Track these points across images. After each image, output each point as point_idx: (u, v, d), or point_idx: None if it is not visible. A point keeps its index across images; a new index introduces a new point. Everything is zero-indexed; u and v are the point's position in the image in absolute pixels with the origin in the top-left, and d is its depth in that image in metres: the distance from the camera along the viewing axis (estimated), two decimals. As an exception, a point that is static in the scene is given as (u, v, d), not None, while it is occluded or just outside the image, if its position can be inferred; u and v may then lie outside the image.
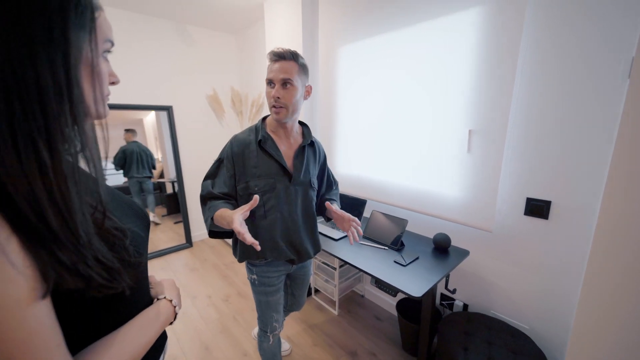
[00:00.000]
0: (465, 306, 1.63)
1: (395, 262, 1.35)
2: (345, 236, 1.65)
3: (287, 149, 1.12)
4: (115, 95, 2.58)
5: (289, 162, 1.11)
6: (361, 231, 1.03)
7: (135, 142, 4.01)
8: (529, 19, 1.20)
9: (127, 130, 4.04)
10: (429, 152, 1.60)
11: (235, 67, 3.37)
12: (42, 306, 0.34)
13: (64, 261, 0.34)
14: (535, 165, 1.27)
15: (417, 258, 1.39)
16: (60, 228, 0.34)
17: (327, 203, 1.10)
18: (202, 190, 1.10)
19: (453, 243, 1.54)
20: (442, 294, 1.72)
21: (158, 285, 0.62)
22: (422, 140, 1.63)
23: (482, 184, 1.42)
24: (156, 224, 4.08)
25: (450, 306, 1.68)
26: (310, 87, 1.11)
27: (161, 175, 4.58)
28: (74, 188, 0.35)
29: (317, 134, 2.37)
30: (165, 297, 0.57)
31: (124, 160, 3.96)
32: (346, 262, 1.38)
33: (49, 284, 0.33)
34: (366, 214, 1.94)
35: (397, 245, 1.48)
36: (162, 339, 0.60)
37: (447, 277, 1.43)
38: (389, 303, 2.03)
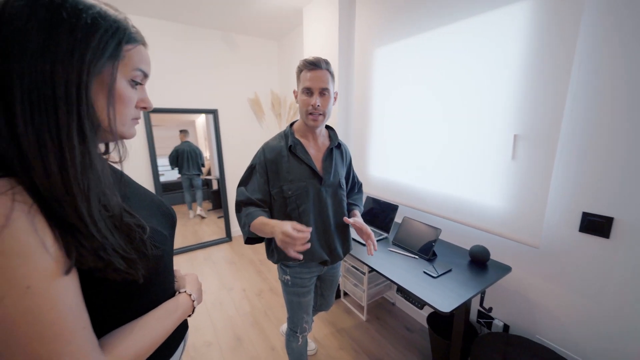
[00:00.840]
0: (506, 327, 1.48)
1: (425, 272, 1.29)
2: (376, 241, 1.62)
3: (316, 153, 1.16)
4: (170, 100, 2.88)
5: (318, 165, 1.15)
6: (376, 246, 1.09)
7: (187, 142, 4.41)
8: (590, 8, 1.06)
9: (180, 131, 4.46)
10: (467, 158, 1.50)
11: (275, 71, 3.50)
12: (69, 283, 0.38)
13: (85, 245, 0.39)
14: (594, 175, 1.11)
15: (449, 270, 1.31)
16: (78, 221, 0.39)
17: (346, 219, 1.14)
18: (238, 196, 1.13)
19: (492, 257, 1.42)
20: (479, 311, 1.59)
21: (182, 279, 0.66)
22: (460, 144, 1.53)
23: (528, 194, 1.28)
24: (202, 217, 4.43)
25: (489, 325, 1.55)
26: (337, 94, 1.14)
27: (209, 173, 4.96)
28: (80, 189, 0.39)
29: (350, 137, 2.37)
30: (185, 291, 0.61)
31: (176, 159, 4.38)
32: (372, 269, 1.35)
33: (72, 260, 0.38)
34: (398, 219, 1.88)
35: (428, 255, 1.42)
36: (183, 329, 0.64)
37: (483, 293, 1.32)
38: (421, 314, 1.94)
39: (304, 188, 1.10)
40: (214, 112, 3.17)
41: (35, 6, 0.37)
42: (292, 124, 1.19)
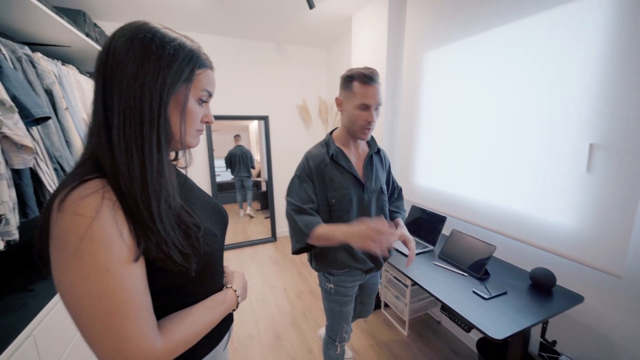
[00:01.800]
0: (575, 366, 1.28)
1: (474, 292, 1.19)
2: (420, 253, 1.55)
3: (357, 160, 1.16)
4: (226, 108, 3.15)
5: (359, 172, 1.15)
6: (411, 259, 1.06)
7: (240, 146, 4.75)
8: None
9: (235, 136, 4.84)
10: (531, 168, 1.35)
11: (323, 77, 3.59)
12: (137, 270, 0.45)
13: (151, 238, 0.46)
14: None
15: (504, 293, 1.18)
16: (149, 218, 0.46)
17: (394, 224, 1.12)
18: (288, 206, 1.10)
19: (559, 283, 1.24)
20: (541, 343, 1.40)
21: (230, 275, 0.71)
22: (522, 153, 1.38)
23: (608, 213, 1.10)
24: (250, 217, 4.71)
25: (553, 360, 1.35)
26: None
27: (259, 175, 5.28)
28: (153, 192, 0.46)
29: (396, 144, 2.30)
30: (231, 287, 0.67)
31: (230, 161, 4.75)
32: (414, 282, 1.29)
33: (140, 250, 0.45)
34: (446, 231, 1.76)
35: (479, 273, 1.30)
36: (228, 321, 0.69)
37: (546, 324, 1.16)
38: (471, 338, 1.77)
39: (347, 196, 1.11)
40: (264, 119, 3.37)
41: (133, 41, 0.46)
42: (331, 132, 1.20)
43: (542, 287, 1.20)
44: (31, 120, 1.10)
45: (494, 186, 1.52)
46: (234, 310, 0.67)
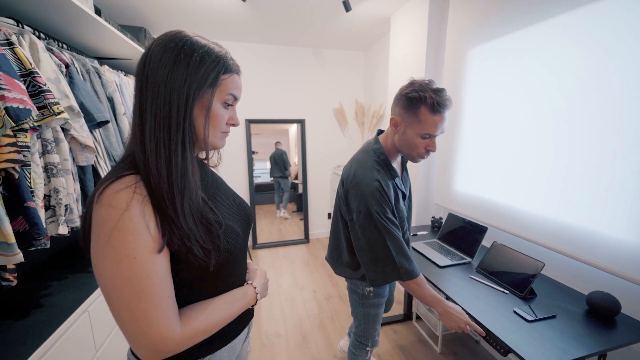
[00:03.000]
0: (646, 414, 1.07)
1: (515, 312, 1.06)
2: (452, 265, 1.43)
3: (397, 170, 1.13)
4: (265, 112, 3.29)
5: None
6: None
7: (278, 149, 4.92)
8: None
9: (276, 142, 5.03)
10: (589, 175, 1.17)
11: (360, 80, 3.56)
12: (162, 260, 0.49)
13: (175, 232, 0.49)
14: None
15: (553, 316, 1.04)
16: (173, 213, 0.49)
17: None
18: (405, 263, 0.99)
19: (625, 311, 1.05)
20: (600, 380, 1.20)
21: (252, 272, 0.74)
22: (579, 158, 1.21)
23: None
24: (285, 218, 4.83)
25: (616, 403, 1.15)
26: None
27: (296, 177, 5.41)
28: (178, 191, 0.50)
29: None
30: (252, 284, 0.69)
31: (271, 163, 4.95)
32: (447, 296, 1.20)
33: (164, 242, 0.48)
34: (486, 243, 1.61)
35: (523, 292, 1.16)
36: (248, 316, 0.71)
37: (604, 357, 0.99)
38: (512, 363, 1.59)
39: (403, 211, 1.10)
40: (301, 122, 3.44)
41: (165, 49, 0.50)
42: (377, 136, 1.13)
43: (602, 313, 1.02)
44: (94, 123, 1.27)
45: (545, 195, 1.35)
46: (253, 306, 0.69)
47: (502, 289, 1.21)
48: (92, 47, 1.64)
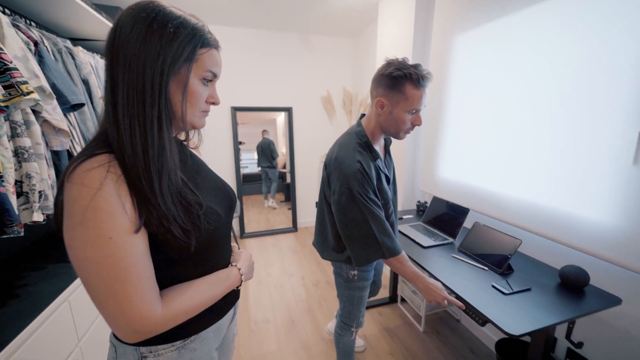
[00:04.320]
0: (609, 376, 1.16)
1: (493, 286, 1.11)
2: (435, 245, 1.48)
3: (380, 153, 1.14)
4: (251, 100, 3.22)
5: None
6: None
7: (265, 138, 4.86)
8: None
9: (263, 131, 4.96)
10: (566, 161, 1.23)
11: (348, 67, 3.53)
12: (139, 240, 0.47)
13: (153, 212, 0.48)
14: None
15: (527, 289, 1.09)
16: (150, 193, 0.47)
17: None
18: (387, 241, 1.01)
19: (593, 282, 1.12)
20: (568, 349, 1.29)
21: (237, 254, 0.73)
22: (554, 144, 1.26)
23: (656, 209, 0.97)
24: (273, 208, 4.82)
25: (582, 369, 1.24)
26: None
27: (284, 166, 5.37)
28: (156, 168, 0.48)
29: (420, 135, 2.21)
30: (236, 265, 0.68)
31: (258, 153, 4.89)
32: (430, 274, 1.24)
33: (141, 222, 0.47)
34: (468, 225, 1.67)
35: (501, 268, 1.21)
36: (234, 297, 0.71)
37: (572, 324, 1.06)
38: (490, 338, 1.68)
39: (387, 192, 1.11)
40: (288, 110, 3.40)
41: (136, 20, 0.47)
42: (360, 119, 1.13)
43: (572, 285, 1.09)
44: (68, 106, 1.21)
45: (523, 179, 1.41)
46: (238, 287, 0.69)
47: (482, 266, 1.26)
48: (64, 27, 1.54)
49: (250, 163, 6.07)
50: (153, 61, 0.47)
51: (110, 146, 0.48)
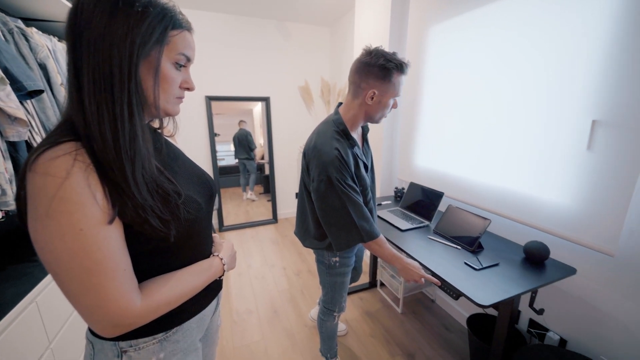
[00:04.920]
0: (563, 342, 1.30)
1: (466, 263, 1.19)
2: (412, 228, 1.55)
3: (358, 141, 1.16)
4: (227, 89, 3.11)
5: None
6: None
7: (242, 129, 4.73)
8: None
9: (240, 121, 4.82)
10: (530, 148, 1.32)
11: (326, 57, 3.51)
12: (113, 232, 0.45)
13: (127, 203, 0.45)
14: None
15: (496, 264, 1.18)
16: (123, 182, 0.45)
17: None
18: (365, 226, 1.04)
19: (553, 256, 1.23)
20: (531, 320, 1.42)
21: (218, 245, 0.72)
22: (520, 132, 1.35)
23: (605, 192, 1.08)
24: (252, 200, 4.76)
25: (541, 336, 1.37)
26: None
27: (262, 158, 5.28)
28: (129, 156, 0.45)
29: (397, 124, 2.27)
30: (218, 255, 0.67)
31: (234, 144, 4.76)
32: (408, 255, 1.30)
33: (115, 212, 0.45)
34: (443, 208, 1.76)
35: (472, 246, 1.30)
36: (217, 287, 0.71)
37: (535, 293, 1.17)
38: (462, 314, 1.80)
39: (366, 179, 1.13)
40: (266, 100, 3.33)
41: None
42: (337, 107, 1.14)
43: (535, 259, 1.20)
44: (24, 93, 1.11)
45: (493, 166, 1.50)
46: (220, 277, 0.68)
47: (455, 246, 1.35)
48: (13, 5, 1.39)
49: (227, 155, 5.90)
50: (120, 42, 0.44)
51: (75, 134, 0.44)
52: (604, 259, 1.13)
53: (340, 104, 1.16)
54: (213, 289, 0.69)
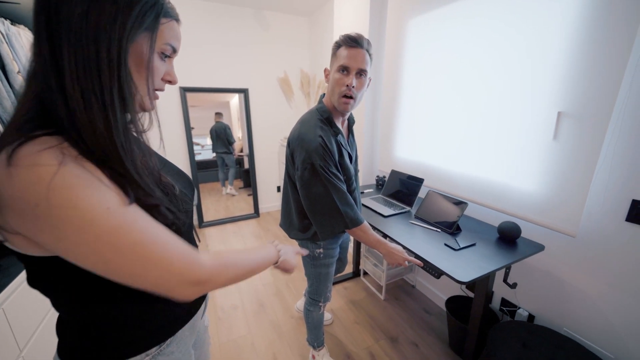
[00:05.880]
0: (531, 317, 1.42)
1: (445, 244, 1.26)
2: (394, 214, 1.61)
3: (343, 130, 1.16)
4: (203, 80, 2.98)
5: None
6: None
7: (219, 122, 4.58)
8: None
9: (216, 113, 4.65)
10: (502, 138, 1.40)
11: (305, 49, 3.47)
12: (138, 209, 0.42)
13: (137, 191, 0.43)
14: (651, 157, 0.99)
15: (473, 244, 1.26)
16: (125, 171, 0.42)
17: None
18: (349, 212, 1.05)
19: (524, 235, 1.33)
20: (503, 299, 1.53)
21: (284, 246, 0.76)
22: (496, 124, 1.42)
23: (568, 178, 1.18)
24: (232, 195, 4.66)
25: (512, 313, 1.49)
26: (370, 80, 1.09)
27: (241, 151, 5.15)
28: (122, 145, 0.42)
29: (377, 116, 2.31)
30: (274, 243, 0.72)
31: (212, 138, 4.60)
32: (391, 239, 1.34)
33: (131, 197, 0.41)
34: (422, 195, 1.83)
35: (451, 229, 1.37)
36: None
37: (508, 269, 1.27)
38: (440, 298, 1.91)
39: (350, 169, 1.13)
40: (244, 92, 3.24)
41: None
42: (323, 106, 1.12)
43: (508, 238, 1.29)
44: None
45: (469, 157, 1.58)
46: (275, 264, 0.70)
47: (435, 229, 1.42)
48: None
49: (203, 149, 5.69)
50: (109, 24, 0.39)
51: (49, 127, 0.39)
52: (567, 239, 1.23)
53: (324, 94, 1.16)
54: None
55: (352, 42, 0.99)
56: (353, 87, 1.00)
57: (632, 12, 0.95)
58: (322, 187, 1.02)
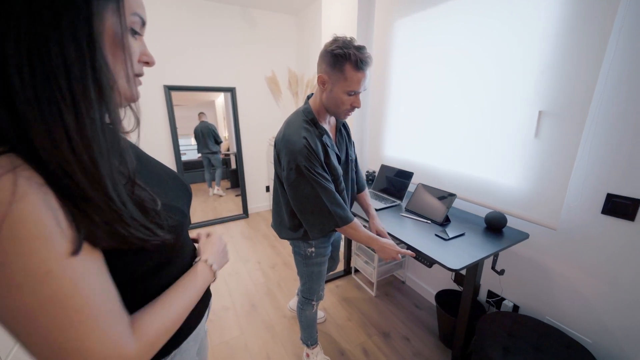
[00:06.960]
0: (516, 308, 1.48)
1: (436, 235, 1.30)
2: (385, 208, 1.64)
3: (330, 132, 1.17)
4: (189, 78, 2.92)
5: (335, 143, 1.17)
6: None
7: (204, 122, 4.49)
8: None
9: (199, 113, 4.56)
10: (488, 137, 1.45)
11: (293, 48, 3.46)
12: (89, 263, 0.35)
13: (95, 220, 0.34)
14: (623, 156, 1.05)
15: (462, 234, 1.30)
16: (91, 189, 0.34)
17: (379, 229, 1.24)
18: (338, 211, 1.06)
19: (510, 224, 1.39)
20: (489, 291, 1.59)
21: (199, 248, 0.63)
22: (480, 122, 1.48)
23: (549, 174, 1.24)
24: (220, 196, 4.59)
25: (498, 304, 1.55)
26: None
27: (228, 149, 5.07)
28: (100, 153, 0.34)
29: (366, 116, 2.33)
30: (200, 260, 0.58)
31: (196, 138, 4.50)
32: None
33: (81, 237, 0.34)
34: (411, 189, 1.87)
35: (441, 220, 1.42)
36: (207, 297, 0.64)
37: (496, 256, 1.32)
38: (430, 292, 1.96)
39: (337, 169, 1.13)
40: (231, 90, 3.20)
41: None
42: (308, 98, 1.14)
43: (494, 227, 1.35)
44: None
45: (456, 154, 1.63)
46: (213, 281, 0.60)
47: (426, 220, 1.46)
48: None
49: (188, 149, 5.57)
50: (67, 4, 0.31)
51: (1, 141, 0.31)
52: (548, 232, 1.30)
53: (312, 94, 1.17)
54: (204, 299, 0.62)
55: (364, 65, 0.97)
56: (359, 107, 1.06)
57: (604, 20, 1.01)
58: (309, 187, 1.03)
